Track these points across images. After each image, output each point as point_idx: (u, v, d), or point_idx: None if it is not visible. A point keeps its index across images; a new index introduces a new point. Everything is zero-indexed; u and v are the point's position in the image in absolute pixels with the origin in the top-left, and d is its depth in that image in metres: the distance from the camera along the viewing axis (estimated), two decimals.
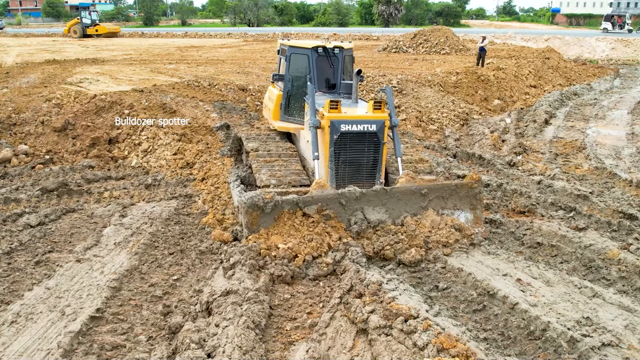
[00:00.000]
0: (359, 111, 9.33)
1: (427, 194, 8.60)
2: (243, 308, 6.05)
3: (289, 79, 10.84)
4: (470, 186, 8.84)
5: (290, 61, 10.78)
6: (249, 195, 7.99)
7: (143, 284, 7.36)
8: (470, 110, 18.65)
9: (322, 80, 10.85)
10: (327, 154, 8.94)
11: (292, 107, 10.99)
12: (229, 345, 5.45)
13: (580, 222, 9.35)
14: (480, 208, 8.94)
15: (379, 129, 8.95)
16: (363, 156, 9.10)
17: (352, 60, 11.38)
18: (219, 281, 7.19)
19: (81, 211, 10.03)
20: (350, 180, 9.02)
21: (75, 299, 6.89)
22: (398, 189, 8.53)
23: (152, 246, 8.48)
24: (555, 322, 6.14)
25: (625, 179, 11.74)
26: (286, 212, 8.05)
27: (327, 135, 8.83)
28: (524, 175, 12.10)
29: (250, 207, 7.84)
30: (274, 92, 11.58)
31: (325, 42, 10.70)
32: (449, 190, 8.76)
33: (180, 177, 11.79)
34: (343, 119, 8.83)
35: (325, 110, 8.85)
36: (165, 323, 6.30)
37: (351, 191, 8.30)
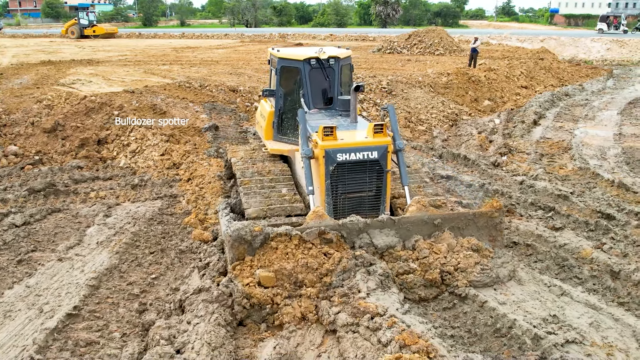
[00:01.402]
0: (357, 136, 8.21)
1: (441, 225, 7.68)
2: (214, 306, 6.17)
3: (280, 95, 9.75)
4: (490, 215, 7.82)
5: (281, 75, 9.67)
6: (235, 226, 6.98)
7: (122, 282, 7.50)
8: (459, 111, 18.77)
9: (317, 95, 9.68)
10: (323, 186, 7.94)
11: (286, 126, 9.87)
12: (198, 341, 5.59)
13: (558, 221, 9.48)
14: (501, 240, 7.96)
15: (381, 156, 7.96)
16: (364, 187, 8.15)
17: (351, 70, 10.37)
18: (195, 280, 7.32)
19: (66, 211, 10.16)
20: (351, 214, 7.80)
21: (54, 297, 7.03)
22: (408, 219, 7.59)
23: (133, 245, 8.61)
24: (522, 320, 6.26)
25: (608, 179, 11.85)
26: (278, 238, 7.03)
27: (322, 167, 7.85)
28: (507, 176, 12.23)
29: (236, 240, 6.85)
30: (266, 108, 10.50)
31: (319, 53, 9.48)
32: (466, 220, 7.77)
33: (166, 177, 11.92)
34: (339, 147, 7.82)
35: (319, 138, 7.86)
36: (140, 320, 6.43)
37: (353, 222, 7.36)
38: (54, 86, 18.44)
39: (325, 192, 7.96)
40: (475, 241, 7.61)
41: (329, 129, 7.88)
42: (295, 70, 9.51)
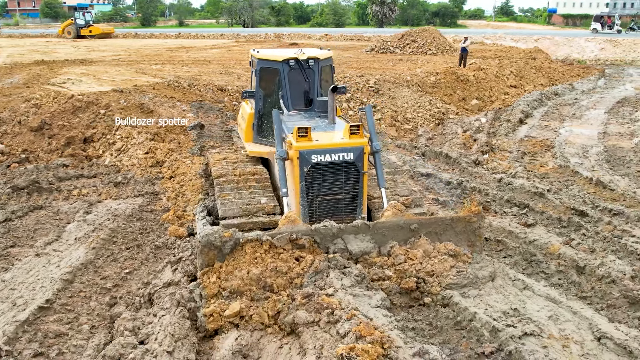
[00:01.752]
0: (333, 137, 8.11)
1: (418, 229, 7.50)
2: (180, 297, 6.30)
3: (260, 96, 9.70)
4: (468, 220, 7.66)
5: (261, 76, 9.62)
6: (205, 232, 6.84)
7: (96, 276, 7.64)
8: (447, 110, 18.92)
9: (299, 97, 9.58)
10: (298, 188, 7.80)
11: (265, 128, 9.77)
12: (162, 333, 5.73)
13: (531, 218, 9.63)
14: (480, 245, 7.80)
15: (357, 158, 7.84)
16: (340, 190, 8.01)
17: (332, 71, 10.27)
18: (167, 274, 7.46)
19: (48, 208, 10.31)
20: (327, 217, 7.71)
21: (28, 290, 7.16)
22: (383, 224, 7.43)
23: (110, 241, 8.75)
24: (482, 313, 6.40)
25: (586, 177, 11.99)
26: (249, 244, 6.87)
27: (297, 168, 7.73)
28: (487, 174, 12.37)
29: (205, 246, 6.68)
30: (246, 109, 10.43)
31: (298, 54, 9.46)
32: (444, 225, 7.60)
33: (149, 175, 12.07)
34: (314, 149, 7.69)
35: (293, 139, 7.75)
36: (109, 313, 6.57)
37: (327, 227, 7.21)
38: (44, 86, 18.61)
39: (300, 195, 7.81)
40: (453, 246, 7.45)
41: (304, 129, 7.75)
42: (275, 71, 9.42)
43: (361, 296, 6.47)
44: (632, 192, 11.01)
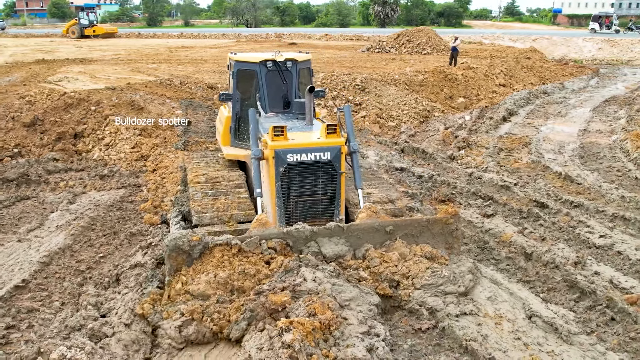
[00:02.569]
0: (310, 137, 8.01)
1: (393, 232, 7.39)
2: (144, 279, 6.79)
3: (237, 99, 9.68)
4: (445, 222, 7.55)
5: (238, 78, 9.63)
6: (172, 236, 6.65)
7: (72, 260, 8.13)
8: (432, 108, 19.34)
9: (276, 99, 9.60)
10: (274, 189, 7.64)
11: (243, 131, 9.73)
12: (122, 307, 6.23)
13: (492, 209, 10.05)
14: (458, 247, 7.70)
15: (334, 157, 7.69)
16: (317, 190, 7.85)
17: (311, 74, 10.30)
18: (137, 258, 7.94)
19: (35, 199, 10.82)
20: (304, 219, 7.67)
21: (7, 272, 7.66)
22: (357, 226, 7.31)
23: (89, 228, 9.25)
24: (428, 297, 6.82)
25: (556, 172, 12.39)
26: (217, 247, 6.75)
27: (272, 168, 7.57)
28: (460, 168, 12.80)
29: (173, 250, 6.50)
30: (224, 113, 10.35)
31: (276, 55, 9.49)
32: (420, 227, 7.49)
33: (134, 168, 12.58)
34: (290, 148, 7.54)
35: (269, 138, 7.59)
36: (79, 291, 7.06)
37: (300, 230, 7.04)
38: (40, 84, 19.16)
39: (275, 196, 7.63)
40: (430, 248, 7.33)
41: (279, 128, 7.60)
42: (252, 73, 9.43)
43: (337, 285, 6.39)
44: (597, 186, 11.40)
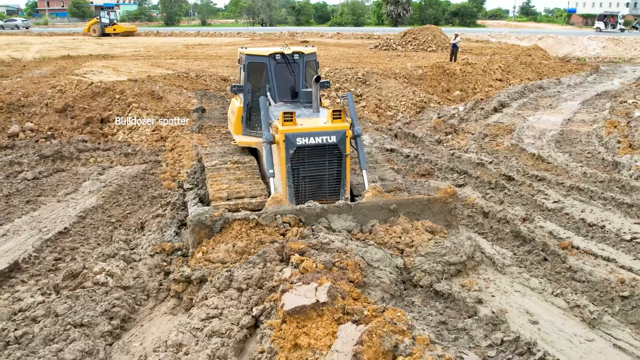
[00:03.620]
0: (317, 122, 8.72)
1: (397, 210, 8.01)
2: (163, 224, 8.39)
3: (248, 90, 10.27)
4: (444, 201, 8.23)
5: (249, 71, 10.25)
6: (196, 211, 7.33)
7: (103, 215, 9.77)
8: (429, 100, 20.77)
9: (284, 90, 10.25)
10: (284, 170, 8.35)
11: (254, 120, 10.33)
12: (147, 243, 7.83)
13: (463, 181, 11.51)
14: (456, 224, 8.35)
15: (339, 140, 8.37)
16: (324, 171, 8.55)
17: (317, 66, 10.91)
18: (158, 211, 9.56)
19: (69, 171, 12.51)
20: (313, 198, 8.28)
21: (51, 223, 9.31)
22: (364, 205, 7.96)
23: (117, 193, 10.90)
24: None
25: (531, 153, 13.78)
26: (236, 222, 7.37)
27: (283, 150, 8.26)
28: (444, 150, 14.25)
29: (197, 225, 7.16)
30: (236, 104, 11.00)
31: (284, 49, 10.12)
32: (421, 206, 8.14)
33: (154, 148, 14.22)
34: (299, 132, 8.23)
35: (280, 123, 8.31)
36: (111, 235, 8.69)
37: (311, 207, 7.66)
38: (68, 76, 20.90)
39: (286, 176, 8.33)
40: (430, 223, 7.96)
41: (289, 114, 8.30)
42: (262, 65, 10.05)
43: (361, 247, 7.05)
44: (564, 165, 12.80)
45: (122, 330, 6.03)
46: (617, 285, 7.01)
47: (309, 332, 5.15)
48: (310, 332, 5.15)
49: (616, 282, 7.09)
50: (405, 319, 5.35)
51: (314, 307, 5.33)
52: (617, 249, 8.34)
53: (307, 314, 5.29)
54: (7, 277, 7.34)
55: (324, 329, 5.16)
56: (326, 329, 5.17)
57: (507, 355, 5.73)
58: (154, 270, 7.23)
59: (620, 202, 10.12)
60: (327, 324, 5.21)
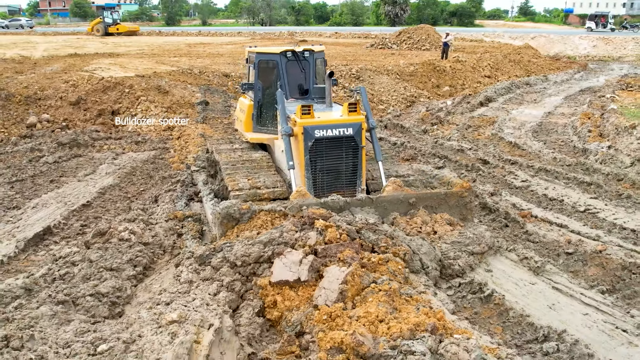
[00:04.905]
0: (333, 115, 8.94)
1: (416, 203, 8.31)
2: (175, 196, 9.63)
3: (259, 88, 10.41)
4: (460, 195, 8.55)
5: (259, 69, 10.37)
6: (223, 205, 7.58)
7: (120, 192, 10.99)
8: (419, 95, 22.00)
9: (294, 87, 10.41)
10: (303, 162, 8.51)
11: (265, 117, 10.50)
12: (161, 211, 9.07)
13: (443, 163, 12.74)
14: (471, 218, 8.67)
15: (355, 132, 8.57)
16: (341, 162, 8.74)
17: (325, 64, 11.03)
18: (170, 187, 10.80)
19: (85, 156, 13.74)
20: (330, 189, 8.59)
21: (74, 198, 10.54)
22: (385, 198, 8.21)
23: (131, 174, 12.12)
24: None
25: (508, 141, 15.01)
26: (262, 212, 7.63)
27: (301, 143, 8.41)
28: (429, 138, 15.47)
29: (225, 217, 7.40)
30: (245, 102, 11.09)
31: (295, 46, 10.42)
32: (438, 199, 8.47)
33: (162, 136, 15.44)
34: (317, 125, 8.43)
35: (297, 117, 8.49)
36: (129, 206, 9.92)
37: (334, 200, 7.83)
38: (78, 72, 22.12)
39: (304, 168, 8.51)
40: (448, 216, 8.34)
41: (307, 107, 8.51)
42: (273, 63, 10.23)
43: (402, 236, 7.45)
44: (537, 151, 14.03)
45: (144, 275, 7.24)
46: (564, 244, 8.27)
47: (287, 297, 6.13)
48: (288, 297, 6.13)
49: (564, 242, 8.34)
50: (403, 271, 6.51)
51: (295, 283, 6.14)
52: (570, 218, 9.56)
53: (288, 285, 6.21)
54: (41, 239, 8.57)
55: (301, 296, 6.13)
56: (303, 296, 6.14)
57: (463, 294, 6.97)
58: (168, 232, 8.45)
59: (581, 181, 11.36)
60: (305, 293, 6.17)
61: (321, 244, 6.68)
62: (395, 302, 5.78)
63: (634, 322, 6.29)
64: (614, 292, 7.00)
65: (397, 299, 5.84)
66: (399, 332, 5.09)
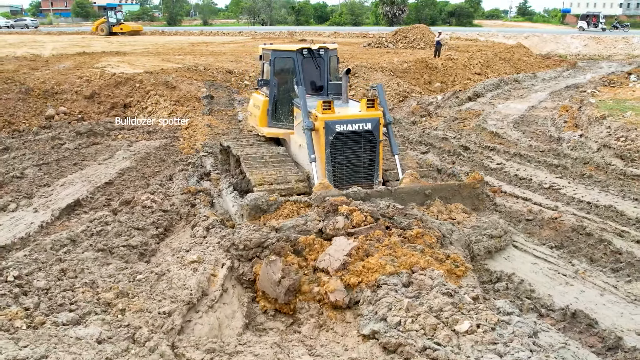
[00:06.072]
0: (352, 111, 9.29)
1: (432, 194, 8.72)
2: (187, 175, 10.95)
3: (274, 84, 10.64)
4: (472, 186, 9.04)
5: (275, 65, 10.56)
6: (251, 197, 7.98)
7: (137, 173, 12.29)
8: (411, 90, 23.30)
9: (307, 83, 10.55)
10: (323, 155, 8.81)
11: (280, 112, 10.79)
12: (176, 186, 10.40)
13: (426, 149, 14.06)
14: (483, 208, 9.19)
15: (374, 127, 8.92)
16: (360, 156, 9.07)
17: (337, 61, 11.51)
18: (183, 168, 12.13)
19: (102, 144, 15.05)
20: (349, 181, 8.92)
21: (96, 177, 11.85)
22: (402, 190, 8.61)
23: (145, 158, 13.44)
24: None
25: (490, 131, 16.31)
26: (288, 202, 8.08)
27: (322, 137, 8.73)
28: (417, 129, 16.78)
29: (253, 209, 7.76)
30: (259, 98, 11.35)
31: (310, 44, 10.63)
32: (452, 191, 8.92)
33: (172, 127, 16.76)
34: (337, 119, 8.73)
35: (319, 112, 8.77)
36: (146, 184, 11.24)
37: (355, 192, 8.22)
38: (90, 69, 23.45)
39: (325, 161, 8.83)
40: (462, 206, 8.80)
41: (327, 103, 8.82)
42: (289, 60, 10.43)
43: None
44: (516, 139, 15.33)
45: (165, 235, 8.55)
46: (525, 213, 9.60)
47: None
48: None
49: (526, 211, 9.67)
50: (437, 244, 7.16)
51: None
52: (535, 193, 10.87)
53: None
54: (72, 210, 9.88)
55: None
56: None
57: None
58: (183, 202, 9.76)
59: (550, 163, 12.68)
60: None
61: (349, 227, 7.16)
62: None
63: (573, 269, 7.62)
64: (562, 248, 8.32)
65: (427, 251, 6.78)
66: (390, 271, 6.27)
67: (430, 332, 5.29)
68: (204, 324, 5.55)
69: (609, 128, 14.67)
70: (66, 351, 4.44)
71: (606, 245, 8.21)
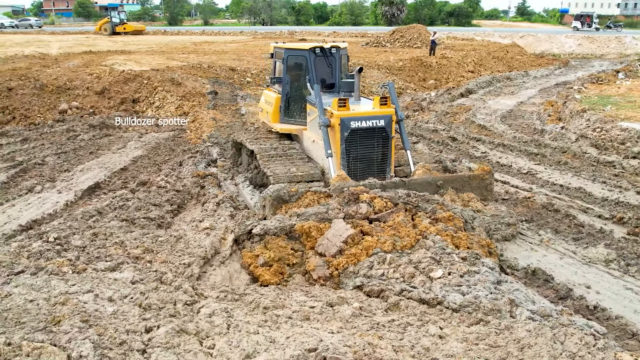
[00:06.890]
0: (365, 108, 9.68)
1: (443, 185, 9.04)
2: (196, 161, 12.00)
3: (287, 81, 10.90)
4: (481, 177, 9.42)
5: (288, 63, 10.80)
6: (274, 188, 8.39)
7: (149, 161, 13.34)
8: (406, 87, 24.35)
9: (319, 81, 10.66)
10: (339, 151, 9.17)
11: (292, 109, 11.05)
12: (187, 171, 11.44)
13: (417, 139, 15.09)
14: (490, 198, 9.56)
15: (387, 124, 9.34)
16: (373, 151, 9.49)
17: (348, 59, 11.73)
18: (191, 155, 13.17)
19: (114, 135, 16.10)
20: (362, 175, 9.28)
21: (112, 164, 12.90)
22: (415, 181, 8.96)
23: (156, 148, 14.49)
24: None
25: (478, 124, 17.35)
26: (308, 192, 8.34)
27: (338, 133, 9.10)
28: (410, 122, 17.81)
29: (275, 199, 8.14)
30: (271, 95, 11.56)
31: (322, 43, 10.95)
32: (462, 182, 9.27)
33: (173, 127, 17.82)
34: (352, 116, 9.12)
35: (334, 109, 9.14)
36: (159, 170, 12.29)
37: (372, 183, 8.60)
38: (98, 66, 24.47)
39: (340, 156, 9.23)
40: (473, 195, 9.21)
41: (342, 100, 9.21)
42: (302, 58, 10.71)
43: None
44: (502, 132, 16.37)
45: (178, 212, 9.60)
46: (502, 193, 10.65)
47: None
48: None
49: (503, 192, 10.71)
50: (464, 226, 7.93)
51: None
52: (514, 177, 11.93)
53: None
54: (93, 191, 10.92)
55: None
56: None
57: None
58: (194, 184, 10.81)
59: (530, 152, 13.72)
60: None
61: (371, 214, 7.65)
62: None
63: (539, 238, 8.67)
64: (531, 222, 9.36)
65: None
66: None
67: (408, 280, 6.34)
68: (217, 275, 6.62)
69: (588, 120, 15.70)
70: (107, 288, 5.47)
71: (571, 220, 9.26)
